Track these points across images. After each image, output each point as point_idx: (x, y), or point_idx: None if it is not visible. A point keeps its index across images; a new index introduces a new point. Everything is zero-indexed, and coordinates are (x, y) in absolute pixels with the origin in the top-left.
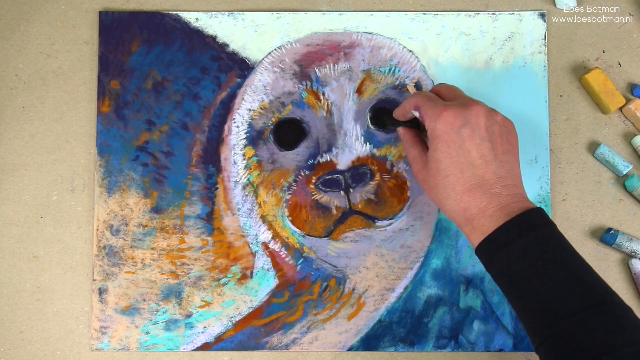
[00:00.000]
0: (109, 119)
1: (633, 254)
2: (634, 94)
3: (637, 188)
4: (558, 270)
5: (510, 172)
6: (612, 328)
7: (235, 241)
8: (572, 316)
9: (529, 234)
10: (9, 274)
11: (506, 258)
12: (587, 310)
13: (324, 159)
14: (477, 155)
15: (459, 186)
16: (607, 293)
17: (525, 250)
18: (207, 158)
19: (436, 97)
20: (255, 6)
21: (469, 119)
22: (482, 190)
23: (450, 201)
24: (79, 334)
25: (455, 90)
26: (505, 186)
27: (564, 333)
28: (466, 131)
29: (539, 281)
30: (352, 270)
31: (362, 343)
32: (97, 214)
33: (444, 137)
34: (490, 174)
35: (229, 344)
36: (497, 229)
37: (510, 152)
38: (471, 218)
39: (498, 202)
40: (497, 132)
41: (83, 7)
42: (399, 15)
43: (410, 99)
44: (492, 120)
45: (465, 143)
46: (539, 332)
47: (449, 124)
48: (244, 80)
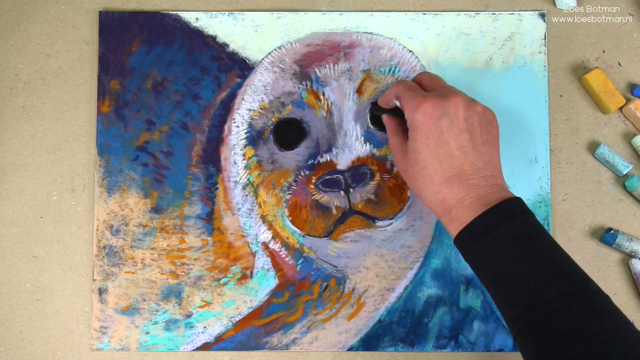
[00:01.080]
0: (109, 119)
1: (633, 254)
2: (634, 94)
3: (637, 188)
4: (535, 258)
5: (489, 162)
6: (590, 315)
7: (235, 241)
8: (549, 303)
9: (506, 223)
10: (9, 274)
11: (484, 247)
12: (564, 297)
13: (324, 159)
14: (455, 146)
15: (437, 177)
16: (585, 280)
17: (503, 238)
18: (207, 158)
19: (417, 86)
20: (255, 6)
21: (447, 109)
22: (460, 181)
23: (429, 192)
24: (79, 334)
25: (436, 79)
26: (484, 177)
27: (541, 320)
28: (445, 122)
29: (517, 269)
30: (352, 270)
31: (362, 343)
32: (97, 214)
33: (423, 128)
34: (468, 165)
35: (229, 344)
36: (475, 219)
37: (489, 143)
38: (449, 209)
39: (476, 192)
40: (477, 122)
41: (83, 7)
42: (399, 15)
43: (392, 88)
44: (471, 111)
45: (443, 134)
46: (517, 320)
47: (427, 114)
48: (244, 80)
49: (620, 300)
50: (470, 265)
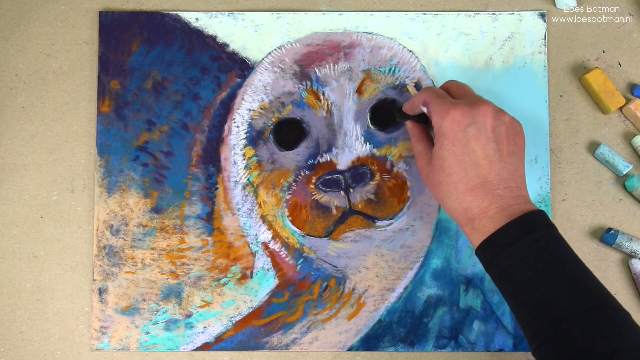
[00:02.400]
0: (109, 119)
1: (633, 254)
2: (634, 94)
3: (637, 188)
4: (558, 272)
5: (514, 173)
6: (610, 332)
7: (235, 241)
8: (570, 319)
9: (529, 236)
10: (9, 274)
11: (506, 259)
12: (585, 313)
13: (324, 159)
14: (481, 155)
15: (461, 185)
16: (606, 297)
17: (526, 252)
18: (207, 158)
19: (445, 94)
20: (255, 6)
21: (476, 118)
22: (484, 191)
23: (452, 200)
24: (79, 334)
25: (464, 88)
26: (508, 188)
27: (562, 335)
28: (472, 130)
29: (539, 283)
30: (352, 270)
31: (362, 343)
32: (97, 214)
33: (450, 135)
34: (493, 175)
35: (229, 344)
36: (498, 230)
37: (515, 154)
38: (472, 218)
39: (500, 203)
40: (504, 132)
41: (83, 7)
42: (399, 15)
43: (420, 94)
44: (499, 121)
45: (470, 142)
46: (537, 334)
47: (455, 122)
48: (244, 80)
49: (620, 300)
50: (491, 276)
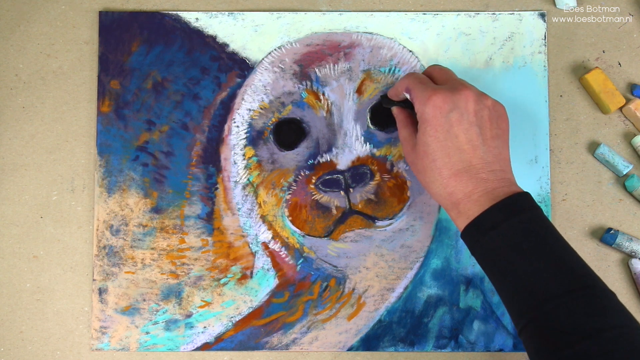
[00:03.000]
0: (109, 119)
1: (633, 254)
2: (634, 94)
3: (637, 188)
4: (542, 254)
5: (498, 156)
6: (595, 312)
7: (235, 241)
8: (555, 299)
9: (514, 218)
10: (9, 274)
11: (491, 242)
12: (570, 293)
13: (324, 159)
14: (464, 139)
15: (445, 170)
16: (591, 277)
17: (510, 233)
18: (207, 158)
19: (428, 79)
20: (255, 6)
21: (457, 103)
22: (468, 175)
23: (437, 185)
24: (79, 334)
25: (447, 72)
26: (492, 171)
27: (547, 316)
28: (454, 115)
29: (523, 265)
30: (352, 270)
31: (362, 343)
32: (97, 214)
33: (433, 121)
34: (477, 159)
35: (229, 344)
36: (482, 213)
37: (499, 137)
38: (457, 202)
39: (484, 186)
40: (487, 116)
41: (83, 7)
42: (399, 15)
43: (402, 80)
44: (481, 105)
45: (453, 127)
46: (522, 315)
47: (437, 107)
48: (244, 80)
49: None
50: (477, 259)
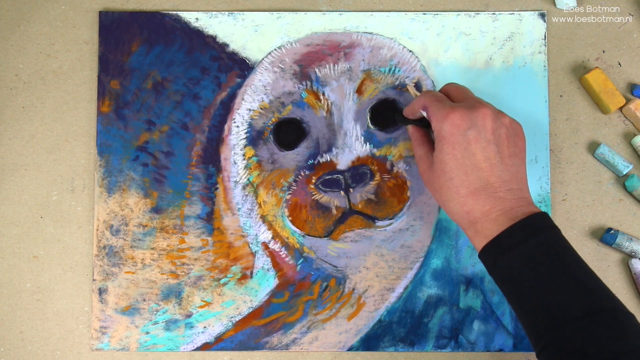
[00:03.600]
0: (109, 119)
1: (633, 254)
2: (634, 94)
3: (637, 188)
4: (562, 275)
5: (515, 175)
6: (615, 334)
7: (235, 241)
8: (575, 322)
9: (532, 238)
10: (9, 274)
11: (509, 262)
12: (590, 316)
13: (324, 159)
14: (482, 158)
15: (463, 189)
16: (610, 299)
17: (529, 254)
18: (207, 158)
19: (444, 97)
20: (255, 6)
21: (475, 121)
22: (486, 194)
23: (454, 204)
24: (79, 334)
25: (464, 91)
26: (510, 190)
27: (567, 338)
28: (472, 134)
29: (542, 286)
30: (352, 270)
31: (362, 343)
32: (97, 214)
33: (450, 139)
34: (495, 178)
35: (229, 344)
36: (500, 233)
37: (516, 156)
38: (474, 221)
39: (502, 206)
40: (504, 135)
41: (83, 7)
42: (399, 15)
43: (419, 98)
44: (499, 123)
45: (471, 145)
46: (541, 337)
47: (455, 125)
48: (244, 80)
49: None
50: (495, 279)
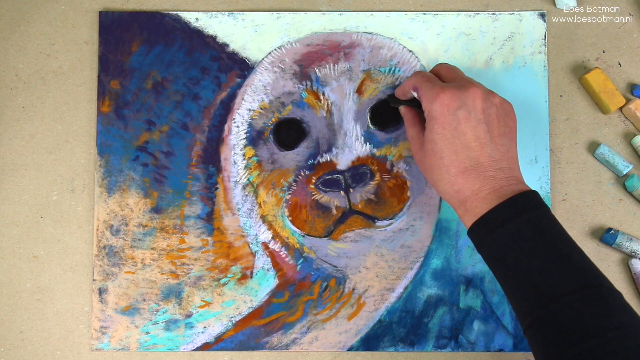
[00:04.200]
0: (109, 119)
1: (633, 254)
2: (634, 94)
3: (637, 188)
4: (549, 252)
5: (505, 154)
6: (601, 311)
7: (235, 241)
8: (561, 298)
9: (521, 216)
10: (9, 274)
11: (498, 240)
12: (576, 292)
13: (324, 159)
14: (472, 137)
15: (453, 168)
16: (598, 276)
17: (517, 232)
18: (207, 158)
19: (435, 77)
20: (255, 6)
21: (465, 101)
22: (476, 173)
23: (444, 183)
24: (79, 334)
25: (455, 70)
26: (500, 169)
27: (553, 315)
28: (462, 113)
29: (530, 263)
30: (352, 270)
31: (362, 343)
32: (97, 214)
33: (440, 119)
34: (485, 157)
35: (229, 344)
36: (489, 211)
37: (506, 135)
38: (464, 200)
39: (492, 184)
40: (494, 114)
41: (83, 7)
42: (399, 15)
43: (410, 78)
44: (489, 102)
45: (460, 125)
46: (528, 314)
47: (445, 105)
48: (244, 80)
49: None
50: (483, 257)
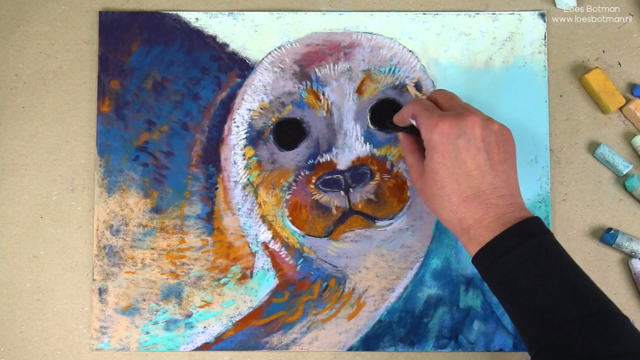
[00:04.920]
0: (109, 119)
1: (633, 254)
2: (634, 94)
3: (637, 188)
4: (555, 278)
5: (506, 181)
6: (609, 337)
7: (235, 241)
8: (569, 325)
9: (525, 243)
10: (9, 274)
11: (503, 267)
12: (584, 319)
13: (324, 159)
14: (473, 165)
15: (455, 197)
16: (604, 302)
17: (522, 259)
18: (207, 158)
19: (433, 106)
20: (255, 6)
21: (464, 129)
22: (478, 201)
23: (447, 212)
24: (79, 334)
25: (452, 97)
26: (502, 196)
27: (561, 342)
28: (462, 142)
29: (536, 290)
30: (352, 270)
31: (362, 343)
32: (97, 214)
33: (440, 148)
34: (486, 185)
35: (229, 344)
36: (493, 239)
37: (507, 161)
38: (467, 229)
39: (494, 212)
40: (494, 141)
41: (83, 7)
42: (399, 15)
43: (408, 107)
44: (488, 130)
45: (461, 154)
46: (536, 341)
47: (444, 134)
48: (244, 80)
49: (620, 300)
50: (489, 284)
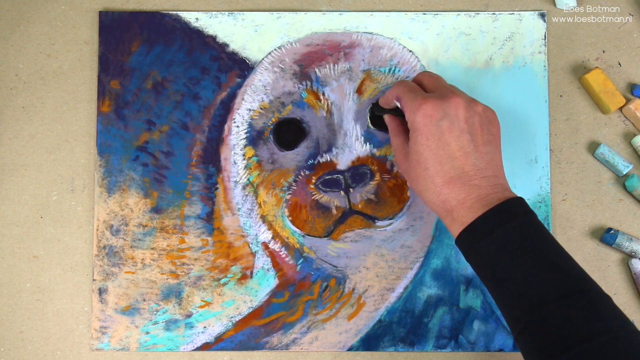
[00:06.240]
0: (109, 119)
1: (633, 254)
2: (634, 94)
3: (637, 188)
4: (537, 259)
5: (490, 162)
6: (591, 316)
7: (235, 241)
8: (550, 304)
9: (508, 223)
10: (9, 274)
11: (485, 247)
12: (565, 298)
13: (324, 159)
14: (456, 147)
15: (438, 178)
16: (586, 281)
17: (505, 239)
18: (207, 158)
19: (417, 87)
20: (255, 6)
21: (448, 111)
22: (461, 182)
23: (430, 193)
24: (79, 334)
25: (437, 79)
26: (485, 177)
27: (542, 321)
28: (445, 123)
29: (518, 270)
30: (352, 270)
31: (362, 343)
32: (97, 214)
33: (424, 130)
34: (469, 166)
35: (229, 344)
36: (476, 220)
37: (491, 143)
38: (451, 210)
39: (477, 193)
40: (477, 123)
41: (83, 7)
42: (399, 15)
43: (393, 88)
44: (472, 112)
45: (444, 135)
46: (518, 321)
47: (428, 116)
48: (244, 80)
49: (620, 300)
50: (472, 265)
